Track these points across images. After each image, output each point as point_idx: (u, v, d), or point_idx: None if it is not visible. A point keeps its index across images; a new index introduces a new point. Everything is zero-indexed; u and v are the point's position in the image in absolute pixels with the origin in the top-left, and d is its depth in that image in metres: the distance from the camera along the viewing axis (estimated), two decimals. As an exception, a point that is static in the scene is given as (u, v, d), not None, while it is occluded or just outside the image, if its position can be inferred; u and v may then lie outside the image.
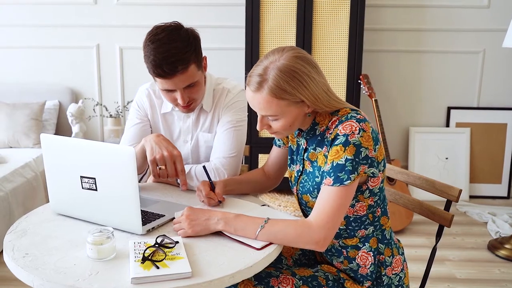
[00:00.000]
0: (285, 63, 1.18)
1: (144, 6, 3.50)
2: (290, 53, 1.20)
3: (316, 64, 1.24)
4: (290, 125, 1.25)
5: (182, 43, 1.46)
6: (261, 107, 1.22)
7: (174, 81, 1.48)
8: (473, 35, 3.59)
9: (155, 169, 1.48)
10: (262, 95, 1.20)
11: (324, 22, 3.13)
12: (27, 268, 1.07)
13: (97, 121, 3.66)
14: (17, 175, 2.80)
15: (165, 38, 1.46)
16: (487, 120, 3.63)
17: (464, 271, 2.54)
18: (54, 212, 1.39)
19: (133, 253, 1.11)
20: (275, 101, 1.20)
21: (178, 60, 1.44)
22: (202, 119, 1.69)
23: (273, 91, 1.18)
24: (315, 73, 1.22)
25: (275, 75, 1.18)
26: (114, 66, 3.60)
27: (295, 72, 1.18)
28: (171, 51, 1.44)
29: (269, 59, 1.21)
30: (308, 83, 1.19)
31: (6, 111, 3.26)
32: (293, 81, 1.18)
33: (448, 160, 3.62)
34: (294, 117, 1.24)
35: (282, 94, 1.19)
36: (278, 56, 1.20)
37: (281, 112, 1.22)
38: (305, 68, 1.19)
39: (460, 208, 3.41)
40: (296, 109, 1.23)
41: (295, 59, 1.19)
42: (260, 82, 1.20)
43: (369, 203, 1.30)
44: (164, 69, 1.44)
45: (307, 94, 1.20)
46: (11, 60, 3.59)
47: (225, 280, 1.04)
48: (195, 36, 1.52)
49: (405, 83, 3.67)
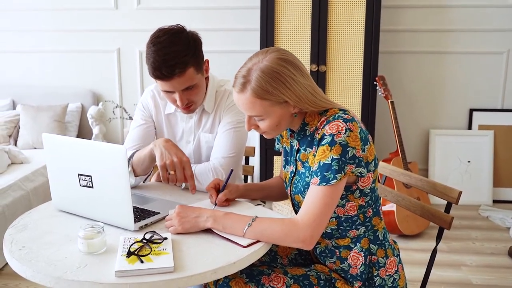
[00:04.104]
0: (267, 65, 1.20)
1: (163, 10, 3.58)
2: (273, 55, 1.22)
3: (299, 65, 1.25)
4: (277, 125, 1.27)
5: (181, 46, 1.50)
6: (245, 107, 1.25)
7: (172, 84, 1.52)
8: (497, 35, 3.49)
9: (165, 174, 1.50)
10: (246, 96, 1.23)
11: (340, 23, 3.11)
12: (21, 260, 1.12)
13: (117, 123, 3.76)
14: (38, 174, 2.90)
15: (165, 41, 1.50)
16: (511, 123, 3.52)
17: (481, 277, 2.47)
18: (56, 209, 1.44)
19: (122, 247, 1.14)
20: (258, 101, 1.22)
21: (177, 64, 1.48)
22: (204, 120, 1.72)
23: (256, 92, 1.21)
24: (298, 74, 1.22)
25: (257, 76, 1.20)
26: (134, 69, 3.69)
27: (277, 73, 1.20)
28: (170, 55, 1.48)
29: (253, 61, 1.23)
30: (290, 83, 1.21)
31: (30, 113, 3.40)
32: (274, 82, 1.20)
33: (470, 163, 3.52)
34: (279, 117, 1.25)
35: (264, 94, 1.21)
36: (261, 58, 1.23)
37: (265, 112, 1.24)
38: (286, 69, 1.21)
39: (483, 213, 3.31)
40: (280, 109, 1.24)
41: (277, 61, 1.21)
42: (244, 83, 1.22)
43: (360, 203, 1.29)
44: (163, 71, 1.48)
45: (289, 95, 1.21)
46: (36, 63, 3.73)
47: (207, 275, 1.06)
48: (195, 40, 1.56)
49: (425, 85, 3.61)
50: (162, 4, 3.58)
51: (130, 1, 3.59)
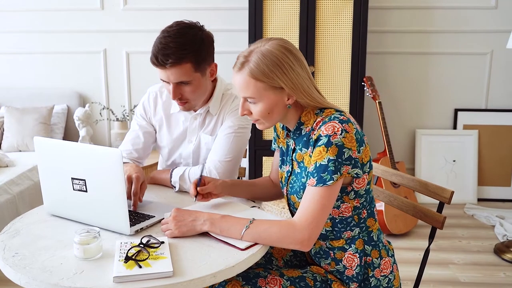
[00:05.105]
0: (268, 49, 1.24)
1: (150, 11, 3.55)
2: (276, 42, 1.26)
3: (300, 57, 1.27)
4: (269, 112, 1.28)
5: (184, 40, 1.51)
6: (240, 87, 1.27)
7: (166, 73, 1.53)
8: (481, 36, 3.55)
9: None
10: (242, 75, 1.25)
11: (327, 24, 3.13)
12: (15, 267, 1.10)
13: (104, 125, 3.72)
14: (24, 178, 2.85)
15: (172, 31, 1.52)
16: (495, 122, 3.59)
17: (469, 274, 2.51)
18: (48, 213, 1.42)
19: (118, 252, 1.13)
20: (252, 82, 1.24)
21: (172, 54, 1.49)
22: (207, 121, 1.72)
23: (252, 72, 1.23)
24: (297, 64, 1.25)
25: (256, 58, 1.23)
26: (121, 71, 3.66)
27: (276, 57, 1.22)
28: (170, 44, 1.50)
29: (256, 45, 1.27)
30: (287, 69, 1.23)
31: (15, 116, 3.34)
32: (272, 65, 1.22)
33: (455, 162, 3.58)
34: (272, 103, 1.26)
35: (259, 76, 1.23)
36: (264, 43, 1.26)
37: (258, 95, 1.25)
38: (286, 57, 1.23)
39: (468, 211, 3.37)
40: (274, 95, 1.26)
41: (279, 47, 1.24)
42: (243, 63, 1.25)
43: (355, 204, 1.30)
44: (158, 58, 1.50)
45: (285, 80, 1.23)
46: (20, 65, 3.67)
47: (206, 279, 1.06)
48: (202, 40, 1.56)
49: (411, 85, 3.65)
50: (149, 4, 3.55)
51: (116, 2, 3.55)
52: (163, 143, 1.77)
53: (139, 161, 1.75)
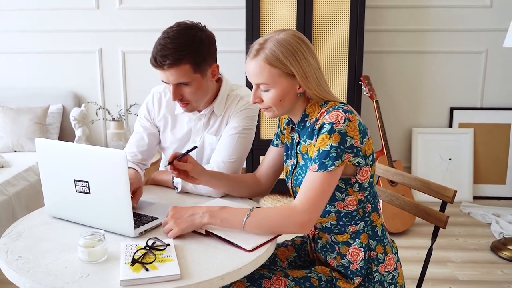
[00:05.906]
0: (283, 37, 1.28)
1: (146, 10, 3.53)
2: (290, 32, 1.31)
3: (312, 48, 1.31)
4: (280, 100, 1.30)
5: (184, 41, 1.50)
6: (254, 73, 1.29)
7: (165, 74, 1.53)
8: (476, 35, 3.57)
9: None
10: (257, 61, 1.28)
11: (324, 24, 3.13)
12: (19, 271, 1.09)
13: (100, 125, 3.69)
14: (20, 178, 2.83)
15: (172, 32, 1.51)
16: (490, 121, 3.61)
17: (467, 272, 2.52)
18: (50, 216, 1.40)
19: (124, 255, 1.12)
20: (267, 67, 1.27)
21: (170, 55, 1.48)
22: (212, 122, 1.71)
23: (267, 58, 1.27)
24: (310, 54, 1.29)
25: (272, 45, 1.27)
26: (116, 70, 3.63)
27: (290, 45, 1.27)
28: (168, 45, 1.49)
29: (271, 34, 1.31)
30: (300, 58, 1.27)
31: (10, 116, 3.30)
32: (287, 52, 1.26)
33: (451, 161, 3.60)
34: (284, 90, 1.29)
35: (275, 61, 1.26)
36: (278, 33, 1.31)
37: (272, 81, 1.28)
38: (300, 46, 1.28)
39: (464, 209, 3.39)
40: (286, 82, 1.29)
41: (293, 37, 1.29)
42: (258, 50, 1.29)
43: (359, 197, 1.31)
44: (156, 59, 1.50)
45: (298, 68, 1.27)
46: (15, 65, 3.63)
47: (214, 282, 1.05)
48: (202, 40, 1.54)
49: (407, 84, 3.66)
50: (144, 4, 3.53)
51: (112, 1, 3.52)
52: (167, 144, 1.75)
53: (144, 162, 1.73)
